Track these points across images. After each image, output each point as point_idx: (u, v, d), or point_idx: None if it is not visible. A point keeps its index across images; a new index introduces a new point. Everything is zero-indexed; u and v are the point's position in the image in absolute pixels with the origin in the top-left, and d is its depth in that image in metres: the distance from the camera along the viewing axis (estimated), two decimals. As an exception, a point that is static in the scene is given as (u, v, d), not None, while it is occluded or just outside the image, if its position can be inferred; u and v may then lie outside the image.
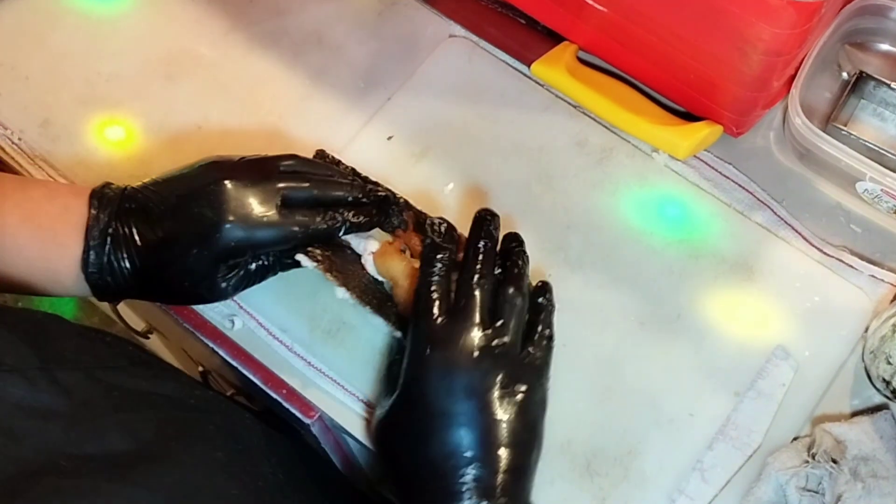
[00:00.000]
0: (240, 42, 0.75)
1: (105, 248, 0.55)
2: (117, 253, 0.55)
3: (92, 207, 0.56)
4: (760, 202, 0.66)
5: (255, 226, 0.55)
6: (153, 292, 0.58)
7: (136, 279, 0.56)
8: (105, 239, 0.55)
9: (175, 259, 0.56)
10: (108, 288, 0.57)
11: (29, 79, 0.73)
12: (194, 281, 0.56)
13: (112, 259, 0.55)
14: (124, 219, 0.56)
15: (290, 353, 0.63)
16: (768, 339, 0.61)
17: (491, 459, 0.52)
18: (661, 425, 0.59)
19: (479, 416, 0.52)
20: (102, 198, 0.56)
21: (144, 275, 0.56)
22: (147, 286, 0.57)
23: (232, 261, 0.57)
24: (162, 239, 0.55)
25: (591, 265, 0.64)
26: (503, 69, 0.72)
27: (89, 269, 0.55)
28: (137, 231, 0.55)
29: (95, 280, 0.56)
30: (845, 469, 0.56)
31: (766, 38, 0.57)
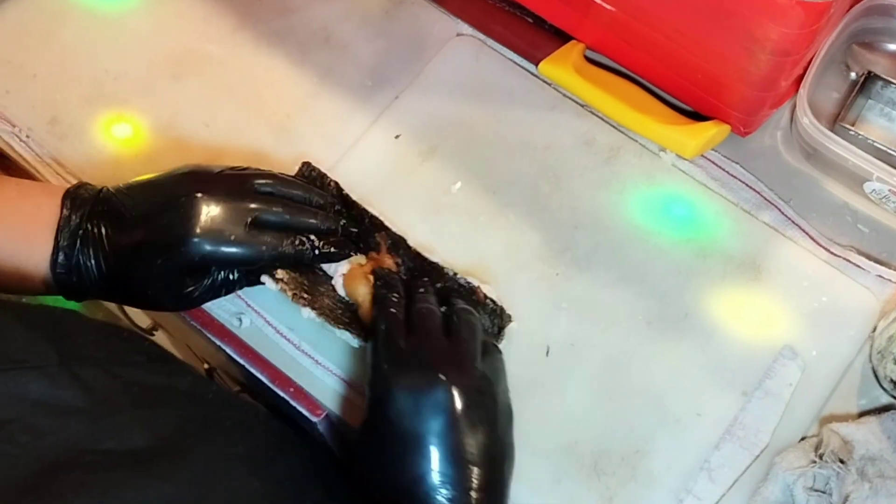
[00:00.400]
0: (247, 41, 0.75)
1: (74, 249, 0.55)
2: (86, 254, 0.56)
3: (64, 208, 0.56)
4: (768, 202, 0.66)
5: (221, 242, 0.55)
6: (119, 296, 0.59)
7: (104, 282, 0.57)
8: (75, 240, 0.55)
9: (140, 267, 0.56)
10: (75, 288, 0.57)
11: (37, 77, 0.73)
12: (157, 290, 0.57)
13: (81, 260, 0.56)
14: (95, 221, 0.56)
15: (298, 351, 0.63)
16: (776, 338, 0.61)
17: (462, 478, 0.51)
18: (669, 425, 0.59)
19: (447, 435, 0.51)
20: (76, 199, 0.57)
21: (111, 279, 0.56)
22: (113, 289, 0.58)
23: (197, 274, 0.57)
24: (130, 245, 0.56)
25: (598, 264, 0.64)
26: (510, 68, 0.72)
27: (58, 269, 0.56)
28: (107, 234, 0.56)
29: (64, 280, 0.56)
30: (853, 469, 0.56)
31: (775, 38, 0.57)
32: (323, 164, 0.67)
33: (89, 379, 0.48)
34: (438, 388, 0.52)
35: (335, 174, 0.66)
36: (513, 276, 0.64)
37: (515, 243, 0.65)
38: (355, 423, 0.61)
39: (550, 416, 0.60)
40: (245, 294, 0.64)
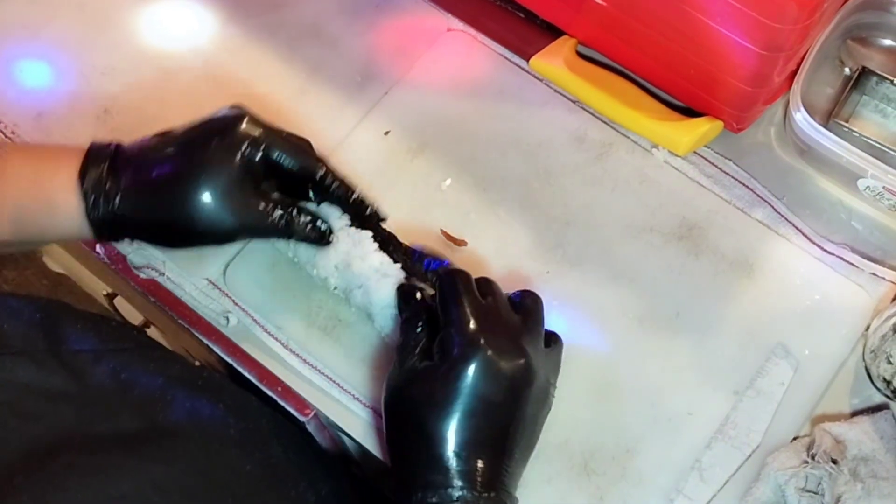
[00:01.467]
0: (236, 35, 0.74)
1: (105, 164, 0.54)
2: (121, 168, 0.54)
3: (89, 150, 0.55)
4: (761, 199, 0.65)
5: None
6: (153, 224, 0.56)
7: (138, 200, 0.54)
8: (106, 156, 0.54)
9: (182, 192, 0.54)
10: (103, 212, 0.54)
11: (23, 71, 0.73)
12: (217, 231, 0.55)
13: (113, 173, 0.54)
14: (126, 153, 0.55)
15: (286, 350, 0.62)
16: (768, 337, 0.61)
17: (490, 451, 0.51)
18: (660, 424, 0.59)
19: (496, 410, 0.51)
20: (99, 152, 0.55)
21: (146, 199, 0.54)
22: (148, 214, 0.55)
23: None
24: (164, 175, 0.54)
25: (589, 262, 0.64)
26: (502, 63, 0.71)
27: (86, 181, 0.53)
28: (146, 147, 0.55)
29: (90, 195, 0.54)
30: (845, 469, 0.55)
31: (768, 34, 0.56)
32: (311, 160, 0.66)
33: (78, 365, 0.48)
34: (522, 361, 0.52)
35: (324, 171, 0.66)
36: (503, 273, 0.63)
37: (506, 240, 0.65)
38: (344, 423, 0.61)
39: (540, 415, 0.59)
40: (232, 293, 0.63)
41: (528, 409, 0.53)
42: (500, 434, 0.52)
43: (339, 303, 0.62)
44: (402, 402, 0.54)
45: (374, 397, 0.60)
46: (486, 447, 0.51)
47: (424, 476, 0.51)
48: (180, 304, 0.64)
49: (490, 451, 0.51)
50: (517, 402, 0.52)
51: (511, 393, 0.52)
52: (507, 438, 0.52)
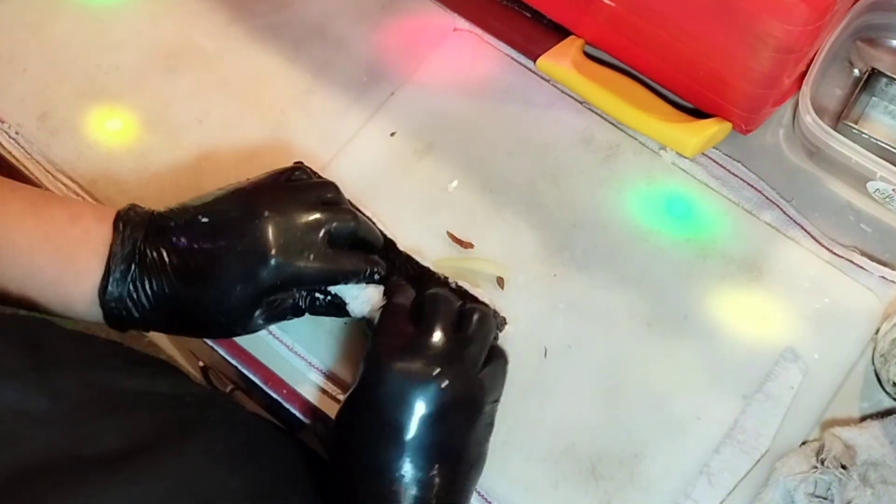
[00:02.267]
0: (241, 35, 0.73)
1: (128, 278, 0.53)
2: (143, 283, 0.53)
3: (117, 231, 0.53)
4: (769, 201, 0.65)
5: (301, 264, 0.54)
6: (177, 325, 0.56)
7: (161, 311, 0.54)
8: (129, 267, 0.53)
9: (214, 295, 0.53)
10: (123, 318, 0.55)
11: (27, 71, 0.72)
12: (231, 318, 0.55)
13: (136, 288, 0.53)
14: (153, 248, 0.53)
15: (291, 353, 0.62)
16: (777, 340, 0.60)
17: (428, 477, 0.51)
18: (668, 428, 0.58)
19: (425, 431, 0.51)
20: (128, 223, 0.54)
21: (172, 307, 0.54)
22: (172, 318, 0.55)
23: (273, 297, 0.55)
24: (200, 274, 0.53)
25: (596, 264, 0.63)
26: (508, 64, 0.71)
27: (107, 298, 0.53)
28: (170, 263, 0.53)
29: (111, 309, 0.54)
30: (854, 475, 0.55)
31: (778, 35, 0.56)
32: (317, 161, 0.66)
33: (64, 386, 0.47)
34: (431, 383, 0.51)
35: (329, 172, 0.66)
36: (509, 276, 0.63)
37: (512, 243, 0.64)
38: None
39: (547, 418, 0.59)
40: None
41: (449, 429, 0.52)
42: (424, 455, 0.51)
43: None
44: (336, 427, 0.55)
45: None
46: (408, 473, 0.51)
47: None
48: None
49: (418, 475, 0.51)
50: (428, 422, 0.51)
51: (418, 414, 0.51)
52: (431, 460, 0.51)
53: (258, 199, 0.55)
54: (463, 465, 0.53)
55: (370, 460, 0.52)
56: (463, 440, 0.52)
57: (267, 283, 0.54)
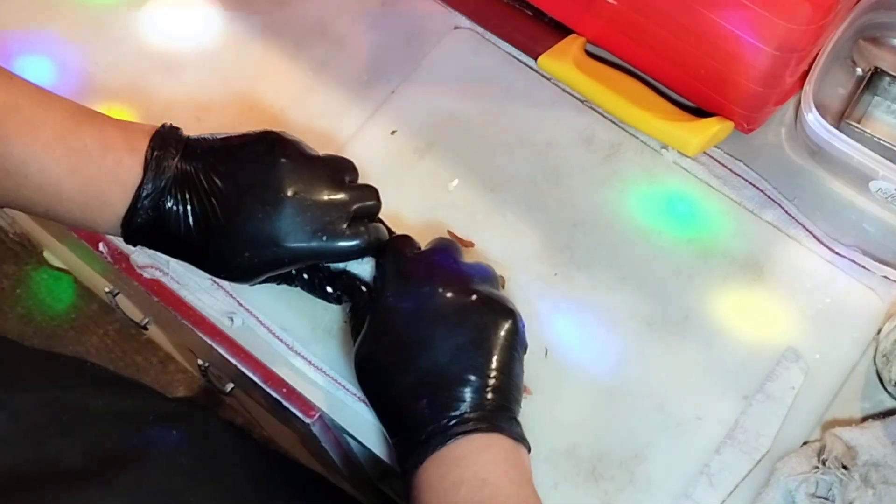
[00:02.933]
0: (241, 33, 0.73)
1: (150, 216, 0.53)
2: (163, 224, 0.53)
3: (148, 169, 0.52)
4: (771, 200, 0.64)
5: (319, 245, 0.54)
6: (187, 259, 0.56)
7: (175, 246, 0.54)
8: (156, 205, 0.52)
9: (228, 252, 0.53)
10: (140, 241, 0.54)
11: (26, 68, 0.72)
12: (236, 274, 0.55)
13: (157, 225, 0.53)
14: (179, 192, 0.53)
15: (291, 351, 0.62)
16: (778, 340, 0.60)
17: (480, 375, 0.51)
18: (668, 428, 0.58)
19: (464, 336, 0.51)
20: (159, 160, 0.53)
21: (184, 251, 0.54)
22: (183, 254, 0.55)
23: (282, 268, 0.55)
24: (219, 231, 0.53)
25: (597, 264, 0.63)
26: (509, 62, 0.70)
27: (129, 228, 0.53)
28: (192, 213, 0.53)
29: (131, 239, 0.54)
30: (856, 475, 0.55)
31: (781, 34, 0.55)
32: (317, 160, 0.66)
33: (19, 407, 0.47)
34: (458, 297, 0.52)
35: (330, 170, 0.65)
36: (510, 275, 0.63)
37: (513, 242, 0.64)
38: (349, 425, 0.60)
39: (548, 418, 0.59)
40: (237, 293, 0.63)
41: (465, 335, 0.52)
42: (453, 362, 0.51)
43: (344, 304, 0.62)
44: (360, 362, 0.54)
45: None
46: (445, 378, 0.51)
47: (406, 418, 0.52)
48: (184, 304, 0.63)
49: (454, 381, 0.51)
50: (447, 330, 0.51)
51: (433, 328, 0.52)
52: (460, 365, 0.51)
53: (288, 170, 0.54)
54: (498, 368, 0.52)
55: (404, 381, 0.52)
56: (488, 342, 0.52)
57: (275, 260, 0.54)
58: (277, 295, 0.62)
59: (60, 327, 1.57)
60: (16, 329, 1.56)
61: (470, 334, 0.52)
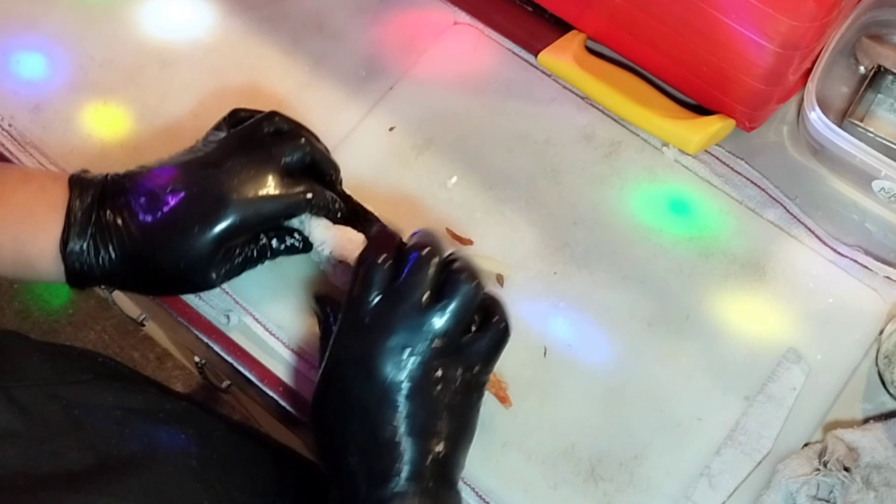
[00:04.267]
0: (238, 27, 0.72)
1: (88, 231, 0.52)
2: (103, 236, 0.52)
3: (73, 187, 0.53)
4: (773, 199, 0.64)
5: (260, 200, 0.53)
6: (138, 280, 0.55)
7: (122, 264, 0.53)
8: (89, 220, 0.52)
9: (172, 241, 0.52)
10: (85, 274, 0.53)
11: (20, 63, 0.71)
12: (189, 266, 0.53)
13: (96, 242, 0.52)
14: (111, 202, 0.53)
15: (287, 349, 0.61)
16: (779, 341, 0.60)
17: (422, 446, 0.49)
18: (668, 429, 0.58)
19: (411, 400, 0.48)
20: (83, 181, 0.54)
21: (133, 260, 0.53)
22: (133, 273, 0.54)
23: (233, 241, 0.54)
24: (158, 221, 0.52)
25: (597, 263, 0.62)
26: (509, 58, 0.70)
27: (68, 252, 0.52)
28: (128, 212, 0.52)
29: (73, 264, 0.53)
30: (857, 477, 0.54)
31: (784, 31, 0.55)
32: (314, 156, 0.65)
33: (27, 402, 0.46)
34: (408, 353, 0.48)
35: (327, 167, 0.64)
36: (509, 273, 0.62)
37: (512, 240, 0.63)
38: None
39: (547, 418, 0.58)
40: (233, 291, 0.62)
41: (429, 394, 0.49)
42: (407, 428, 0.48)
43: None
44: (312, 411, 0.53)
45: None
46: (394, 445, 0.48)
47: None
48: (180, 301, 0.63)
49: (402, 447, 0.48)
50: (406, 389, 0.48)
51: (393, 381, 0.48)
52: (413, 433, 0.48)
53: (210, 145, 0.55)
54: (450, 437, 0.50)
55: (351, 439, 0.49)
56: (445, 410, 0.49)
57: (225, 225, 0.53)
58: (274, 293, 0.62)
59: (58, 322, 1.56)
60: (13, 324, 1.56)
61: (421, 399, 0.49)
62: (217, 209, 0.52)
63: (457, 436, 0.50)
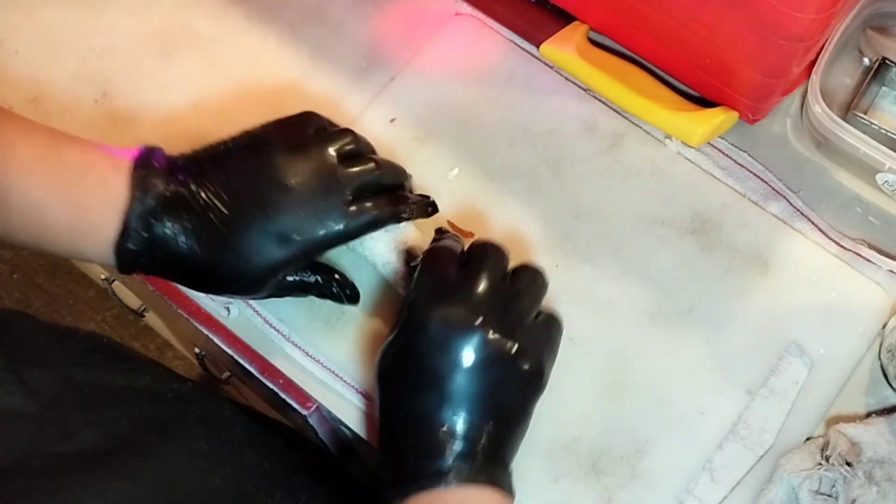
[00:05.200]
0: (238, 17, 0.72)
1: (144, 237, 0.51)
2: (159, 246, 0.51)
3: (135, 187, 0.51)
4: (776, 192, 0.63)
5: (325, 237, 0.53)
6: (184, 282, 0.54)
7: (176, 268, 0.52)
8: (147, 226, 0.51)
9: (232, 262, 0.52)
10: (136, 269, 0.53)
11: (19, 53, 0.71)
12: (241, 288, 0.53)
13: (151, 250, 0.51)
14: (171, 214, 0.51)
15: (288, 342, 0.61)
16: (782, 335, 0.59)
17: (475, 427, 0.49)
18: (671, 423, 0.57)
19: (471, 381, 0.49)
20: (145, 182, 0.51)
21: (186, 271, 0.53)
22: (183, 275, 0.53)
23: (292, 268, 0.54)
24: (220, 242, 0.51)
25: (599, 256, 0.62)
26: (511, 49, 0.69)
27: (122, 253, 0.51)
28: (186, 234, 0.51)
29: (125, 260, 0.52)
30: (860, 472, 0.54)
31: (789, 23, 0.54)
32: (315, 148, 0.65)
33: (38, 383, 0.46)
34: (474, 332, 0.49)
35: (328, 159, 0.64)
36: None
37: (514, 232, 0.63)
38: (346, 417, 0.59)
39: (548, 412, 0.58)
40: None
41: (492, 381, 0.50)
42: (467, 405, 0.49)
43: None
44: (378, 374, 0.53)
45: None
46: (450, 423, 0.49)
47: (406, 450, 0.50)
48: (180, 293, 0.62)
49: (460, 426, 0.49)
50: (471, 372, 0.49)
51: (460, 363, 0.49)
52: (473, 411, 0.49)
53: (279, 167, 0.53)
54: (506, 421, 0.51)
55: (412, 409, 0.50)
56: (506, 394, 0.50)
57: (288, 258, 0.52)
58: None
59: (58, 313, 1.56)
60: (13, 314, 1.55)
61: (486, 384, 0.49)
62: (281, 244, 0.52)
63: (519, 421, 0.51)
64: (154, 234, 0.51)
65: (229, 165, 0.53)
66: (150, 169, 0.52)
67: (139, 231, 0.51)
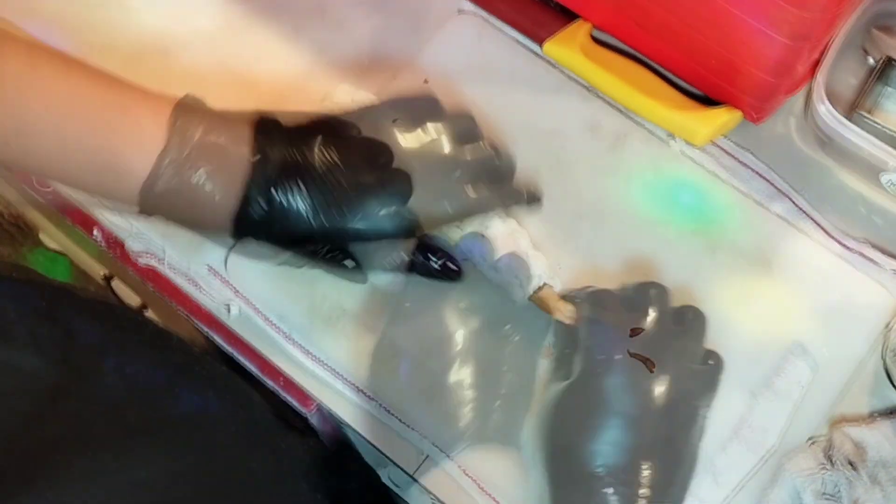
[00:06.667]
0: (239, 14, 0.72)
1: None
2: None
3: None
4: (780, 192, 0.63)
5: (439, 217, 0.54)
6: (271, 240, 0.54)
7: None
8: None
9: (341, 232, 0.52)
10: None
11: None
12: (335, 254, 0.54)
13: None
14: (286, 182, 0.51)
15: (288, 341, 0.60)
16: (785, 335, 0.59)
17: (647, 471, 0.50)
18: (673, 424, 0.57)
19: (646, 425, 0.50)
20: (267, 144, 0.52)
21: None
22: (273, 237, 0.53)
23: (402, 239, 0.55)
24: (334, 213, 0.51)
25: (603, 256, 0.62)
26: (514, 48, 0.69)
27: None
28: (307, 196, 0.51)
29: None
30: (864, 474, 0.54)
31: (793, 22, 0.54)
32: (317, 146, 0.64)
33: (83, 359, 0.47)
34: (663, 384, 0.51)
35: (329, 157, 0.64)
36: (513, 266, 0.61)
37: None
38: (347, 417, 0.59)
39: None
40: (234, 282, 0.61)
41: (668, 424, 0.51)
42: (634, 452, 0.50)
43: (343, 293, 0.61)
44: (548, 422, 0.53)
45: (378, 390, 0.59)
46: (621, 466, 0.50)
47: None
48: (180, 292, 0.62)
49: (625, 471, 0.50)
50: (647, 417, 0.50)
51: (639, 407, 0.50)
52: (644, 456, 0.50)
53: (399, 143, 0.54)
54: (678, 464, 0.52)
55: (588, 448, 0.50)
56: (678, 437, 0.51)
57: (398, 232, 0.53)
58: (275, 284, 0.61)
59: (56, 309, 1.56)
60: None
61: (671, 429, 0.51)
62: (394, 217, 0.52)
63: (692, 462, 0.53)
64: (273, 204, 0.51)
65: (350, 138, 0.54)
66: (272, 132, 0.53)
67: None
